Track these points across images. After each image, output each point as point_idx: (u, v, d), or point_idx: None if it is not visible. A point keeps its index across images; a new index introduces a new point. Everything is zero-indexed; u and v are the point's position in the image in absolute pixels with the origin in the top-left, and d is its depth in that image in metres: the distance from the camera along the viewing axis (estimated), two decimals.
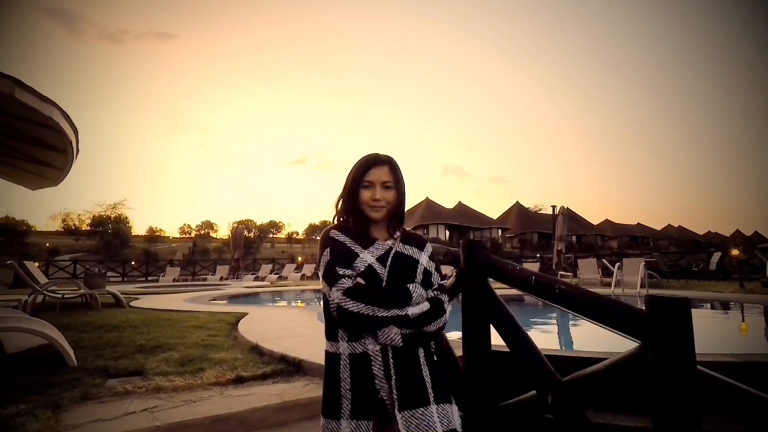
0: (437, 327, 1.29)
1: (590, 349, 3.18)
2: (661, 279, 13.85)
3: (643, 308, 1.35)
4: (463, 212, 48.11)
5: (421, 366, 1.26)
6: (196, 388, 3.00)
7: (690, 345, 1.25)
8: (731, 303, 7.82)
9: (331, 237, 1.34)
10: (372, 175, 1.36)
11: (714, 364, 2.64)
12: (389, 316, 1.21)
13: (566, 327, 6.28)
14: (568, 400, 1.60)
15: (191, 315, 6.67)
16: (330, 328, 1.31)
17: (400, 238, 1.39)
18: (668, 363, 1.25)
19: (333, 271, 1.25)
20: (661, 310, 1.27)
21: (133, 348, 4.21)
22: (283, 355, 3.64)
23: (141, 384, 3.04)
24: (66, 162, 5.03)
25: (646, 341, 1.33)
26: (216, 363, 3.58)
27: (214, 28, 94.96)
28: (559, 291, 1.62)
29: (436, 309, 1.28)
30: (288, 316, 6.24)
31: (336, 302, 1.22)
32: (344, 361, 1.25)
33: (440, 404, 1.25)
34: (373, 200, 1.34)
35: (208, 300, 9.98)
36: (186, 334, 4.87)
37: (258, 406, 2.64)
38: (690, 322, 1.26)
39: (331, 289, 1.23)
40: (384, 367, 1.22)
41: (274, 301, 11.28)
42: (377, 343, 1.23)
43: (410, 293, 1.26)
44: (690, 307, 1.27)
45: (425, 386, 1.24)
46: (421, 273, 1.33)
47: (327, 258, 1.29)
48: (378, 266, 1.29)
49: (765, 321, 6.54)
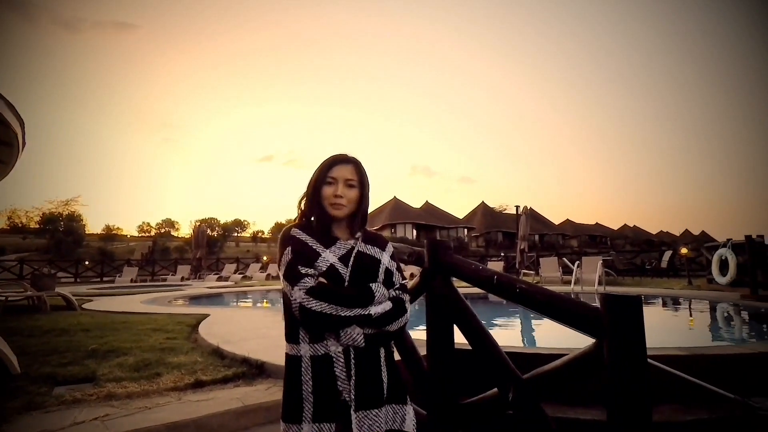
0: (399, 326, 1.29)
1: (552, 345, 3.27)
2: (617, 276, 14.45)
3: (598, 306, 1.39)
4: (430, 211, 48.67)
5: (381, 366, 1.26)
6: (152, 394, 2.88)
7: (642, 339, 1.30)
8: (680, 299, 8.25)
9: (291, 236, 1.31)
10: (335, 172, 1.35)
11: (664, 358, 2.77)
12: (352, 316, 1.20)
13: (529, 323, 6.44)
14: (529, 396, 1.63)
15: (149, 317, 6.42)
16: (291, 329, 1.28)
17: (361, 237, 1.38)
18: (622, 357, 1.30)
19: (295, 270, 1.23)
20: (615, 308, 1.31)
21: (84, 353, 4.01)
22: (245, 357, 3.55)
23: (91, 391, 2.89)
24: (11, 155, 4.74)
25: (602, 338, 1.37)
26: (174, 367, 3.45)
27: (179, 20, 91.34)
28: (520, 290, 1.64)
29: (398, 308, 1.29)
30: (252, 317, 6.11)
31: (298, 302, 1.19)
32: (305, 364, 1.22)
33: (394, 404, 1.26)
34: (334, 196, 1.33)
35: (167, 301, 9.65)
36: (143, 338, 4.68)
37: (218, 411, 2.56)
38: (641, 317, 1.30)
39: (293, 288, 1.21)
40: (346, 368, 1.21)
41: (237, 301, 11.02)
42: (339, 343, 1.21)
43: (373, 293, 1.25)
44: (641, 304, 1.32)
45: (382, 387, 1.25)
46: (383, 273, 1.33)
47: (288, 257, 1.26)
48: (340, 266, 1.28)
49: (710, 316, 6.93)
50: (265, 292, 12.78)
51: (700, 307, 7.57)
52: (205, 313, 6.63)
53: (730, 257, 8.70)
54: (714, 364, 2.82)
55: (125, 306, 8.15)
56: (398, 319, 1.28)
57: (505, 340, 5.42)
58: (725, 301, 7.46)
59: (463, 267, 1.99)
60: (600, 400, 2.67)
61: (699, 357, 2.84)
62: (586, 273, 10.16)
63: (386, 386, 1.25)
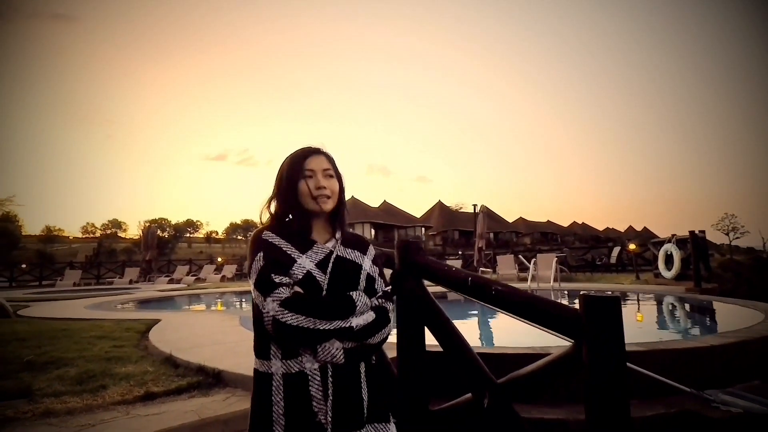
0: (381, 339, 1.19)
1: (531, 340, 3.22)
2: (570, 273, 15.01)
3: (576, 308, 1.36)
4: (388, 211, 48.81)
5: (360, 384, 1.15)
6: (96, 410, 2.63)
7: (621, 340, 1.28)
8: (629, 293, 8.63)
9: (263, 239, 1.17)
10: (311, 163, 1.24)
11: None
12: (332, 329, 1.08)
13: (505, 319, 6.48)
14: (504, 402, 1.59)
15: (93, 323, 5.97)
16: (260, 343, 1.15)
17: (340, 240, 1.27)
18: (603, 358, 1.27)
19: (268, 279, 1.09)
20: (595, 309, 1.28)
21: (18, 365, 3.64)
22: (200, 365, 3.34)
23: (26, 408, 2.61)
24: None
25: (581, 339, 1.33)
26: (122, 378, 3.19)
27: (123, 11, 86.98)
28: (496, 292, 1.59)
29: (382, 319, 1.18)
30: (207, 322, 5.82)
31: (271, 314, 1.06)
32: (277, 382, 1.10)
33: (376, 424, 1.15)
34: (317, 188, 1.21)
35: (114, 306, 9.07)
36: (86, 347, 4.33)
37: (171, 426, 2.37)
38: (620, 318, 1.29)
39: (266, 299, 1.08)
40: (322, 387, 1.09)
41: (190, 305, 10.54)
42: (316, 360, 1.09)
43: (354, 302, 1.14)
44: (620, 305, 1.30)
45: (362, 406, 1.13)
46: (365, 279, 1.22)
47: (260, 264, 1.12)
48: (318, 273, 1.16)
49: (657, 309, 7.29)
50: (219, 294, 12.31)
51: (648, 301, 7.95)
52: (156, 318, 6.26)
53: (675, 252, 9.18)
54: (670, 359, 2.91)
55: (67, 312, 7.57)
56: (381, 330, 1.18)
57: (479, 337, 5.46)
58: (671, 295, 7.88)
59: (435, 268, 1.92)
60: (567, 399, 2.70)
61: (657, 352, 2.92)
62: (542, 270, 10.46)
63: (366, 405, 1.14)
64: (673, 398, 2.64)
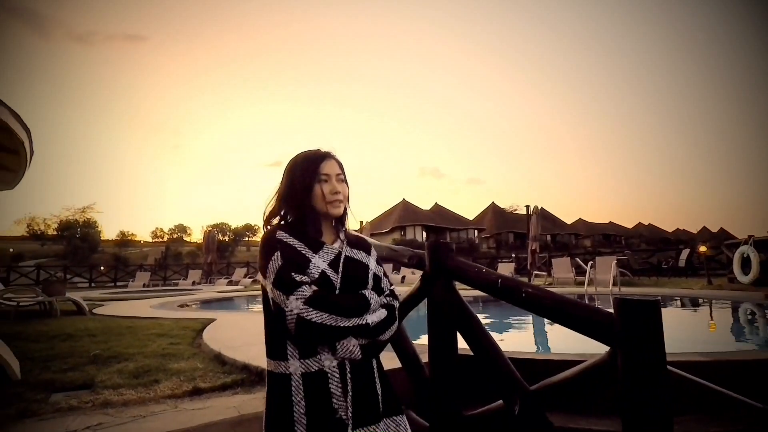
0: (390, 335, 1.21)
1: (569, 347, 3.07)
2: (632, 276, 14.12)
3: (611, 311, 1.26)
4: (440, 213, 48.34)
5: (375, 378, 1.18)
6: (148, 402, 2.80)
7: (661, 348, 1.16)
8: (700, 300, 7.97)
9: (278, 239, 1.18)
10: (326, 168, 1.26)
11: (684, 364, 2.60)
12: (351, 326, 1.10)
13: (542, 324, 6.25)
14: (536, 410, 1.50)
15: (155, 322, 6.38)
16: (275, 344, 1.15)
17: (346, 241, 1.29)
18: (638, 368, 1.16)
19: (289, 278, 1.11)
20: (631, 313, 1.18)
21: (86, 359, 3.96)
22: (246, 364, 3.46)
23: (88, 398, 2.82)
24: (19, 164, 4.74)
25: (616, 346, 1.23)
26: (173, 374, 3.37)
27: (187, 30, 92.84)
28: (526, 295, 1.51)
29: (391, 316, 1.21)
30: (258, 322, 5.99)
31: (296, 312, 1.07)
32: (296, 382, 1.10)
33: (391, 417, 1.18)
34: (333, 193, 1.23)
35: (176, 305, 9.64)
36: (146, 343, 4.62)
37: (213, 421, 2.46)
38: (660, 324, 1.17)
39: (288, 298, 1.08)
40: (342, 384, 1.10)
41: (246, 305, 10.99)
42: (334, 357, 1.11)
43: (368, 300, 1.17)
44: (660, 309, 1.18)
45: (378, 401, 1.16)
46: (372, 278, 1.25)
47: (278, 263, 1.13)
48: (331, 272, 1.17)
49: (733, 317, 6.67)
50: None
51: (722, 307, 7.30)
52: (212, 317, 6.57)
53: (753, 255, 8.40)
54: (737, 371, 2.64)
55: (134, 311, 8.14)
56: (390, 327, 1.20)
57: (514, 343, 5.28)
58: (748, 301, 7.18)
59: (465, 270, 1.86)
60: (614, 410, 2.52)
61: (722, 362, 2.67)
62: (600, 273, 9.89)
63: (381, 399, 1.17)
64: (740, 414, 2.39)
